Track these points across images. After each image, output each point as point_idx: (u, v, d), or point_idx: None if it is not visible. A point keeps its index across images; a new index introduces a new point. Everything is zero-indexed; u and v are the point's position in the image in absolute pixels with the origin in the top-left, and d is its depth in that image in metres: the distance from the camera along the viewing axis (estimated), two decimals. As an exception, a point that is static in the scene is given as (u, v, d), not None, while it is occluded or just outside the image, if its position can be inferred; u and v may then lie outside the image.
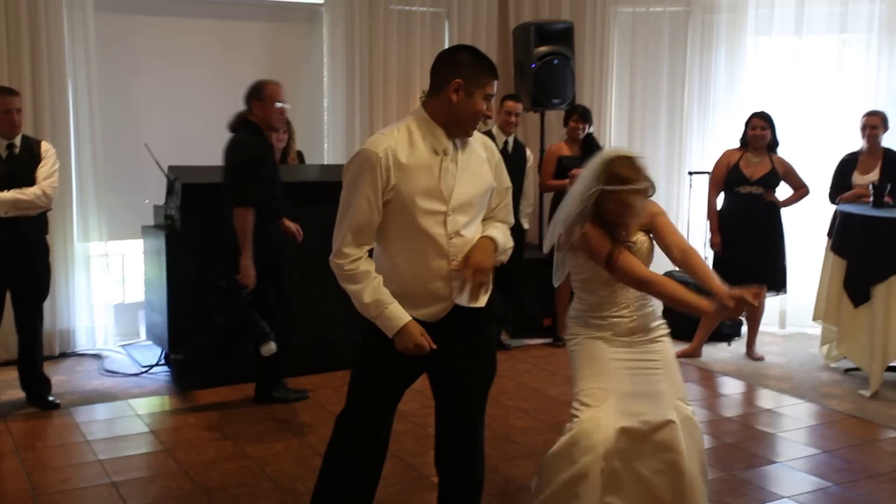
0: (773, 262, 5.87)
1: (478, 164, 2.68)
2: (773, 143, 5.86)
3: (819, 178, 6.05)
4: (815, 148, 6.67)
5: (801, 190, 5.88)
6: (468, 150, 2.67)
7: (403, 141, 2.57)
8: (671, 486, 2.94)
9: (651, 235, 3.14)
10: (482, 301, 2.69)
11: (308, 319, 5.34)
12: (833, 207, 5.79)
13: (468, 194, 2.62)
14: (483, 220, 2.76)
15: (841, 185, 5.87)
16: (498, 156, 2.78)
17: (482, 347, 2.75)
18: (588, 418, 2.90)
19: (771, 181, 5.80)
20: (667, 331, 3.14)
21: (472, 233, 2.66)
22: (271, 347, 4.49)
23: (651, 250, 3.13)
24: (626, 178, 2.94)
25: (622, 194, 2.93)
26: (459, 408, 2.76)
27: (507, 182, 2.82)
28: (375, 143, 2.57)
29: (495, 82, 2.61)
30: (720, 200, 5.98)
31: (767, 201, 5.80)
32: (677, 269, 3.15)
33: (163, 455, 4.14)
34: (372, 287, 2.56)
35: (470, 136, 2.66)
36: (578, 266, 3.08)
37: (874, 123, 5.78)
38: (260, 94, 4.66)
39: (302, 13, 6.84)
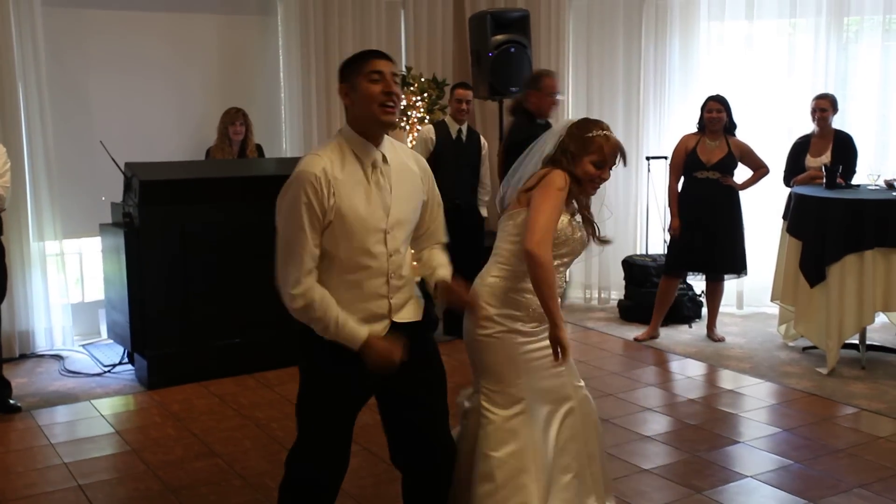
0: (731, 246, 5.95)
1: (410, 178, 2.62)
2: (730, 126, 5.94)
3: (774, 161, 6.16)
4: (769, 131, 6.77)
5: (760, 170, 5.95)
6: (399, 164, 2.60)
7: (336, 159, 2.49)
8: (583, 463, 2.94)
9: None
10: (418, 314, 2.65)
11: (271, 313, 5.32)
12: (788, 190, 5.90)
13: (404, 210, 2.58)
14: (418, 238, 2.72)
15: (794, 167, 5.98)
16: (430, 172, 2.71)
17: (428, 357, 2.71)
18: (503, 422, 2.81)
19: (727, 165, 5.88)
20: None
21: (406, 248, 2.64)
22: None
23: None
24: (604, 127, 2.87)
25: (611, 138, 2.80)
26: (423, 408, 2.69)
27: (439, 198, 2.76)
28: (311, 164, 2.45)
29: (375, 60, 2.50)
30: (680, 184, 6.06)
31: (725, 185, 5.88)
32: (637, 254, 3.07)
33: (129, 456, 4.10)
34: (331, 308, 2.48)
35: (387, 123, 2.52)
36: (518, 228, 2.84)
37: (823, 107, 5.88)
38: (538, 84, 5.14)
39: (256, 5, 6.77)
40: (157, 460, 4.02)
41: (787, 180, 6.00)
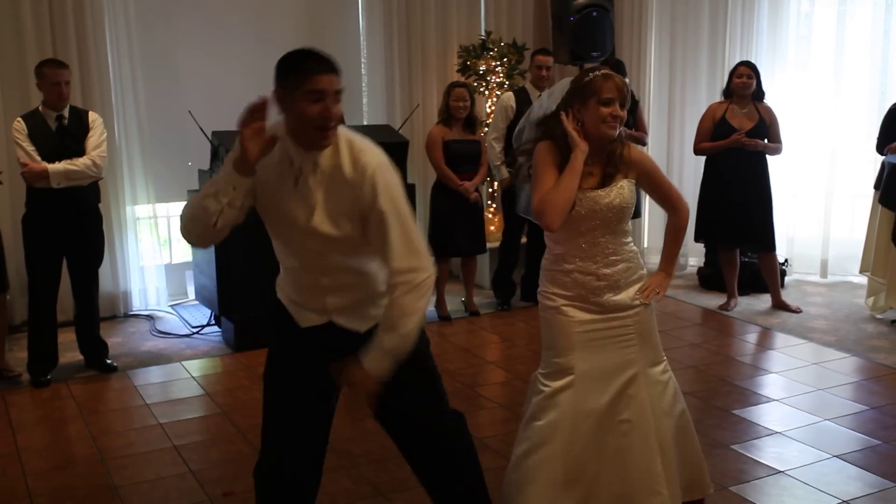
0: (759, 221, 5.81)
1: (342, 188, 2.31)
2: (759, 93, 5.79)
3: (864, 128, 5.95)
4: (860, 96, 6.54)
5: (776, 145, 5.78)
6: (333, 172, 2.31)
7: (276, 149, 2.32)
8: (637, 452, 2.89)
9: (638, 186, 2.92)
10: (361, 326, 2.46)
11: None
12: (881, 158, 5.70)
13: (326, 220, 2.32)
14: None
15: (889, 135, 5.73)
16: (381, 183, 2.28)
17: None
18: (549, 394, 2.86)
19: (761, 133, 5.72)
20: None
21: (341, 260, 2.40)
22: None
23: (627, 206, 2.84)
24: (601, 68, 2.86)
25: (612, 76, 2.78)
26: (411, 399, 2.57)
27: (397, 211, 2.29)
28: None
29: (318, 77, 2.20)
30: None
31: (754, 157, 5.71)
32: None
33: (220, 418, 4.27)
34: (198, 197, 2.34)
35: (321, 144, 2.29)
36: None
37: (924, 70, 5.64)
38: None
39: (337, -27, 6.80)
40: (246, 423, 4.17)
41: (881, 148, 5.78)
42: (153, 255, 6.24)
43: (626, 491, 2.89)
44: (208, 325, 5.73)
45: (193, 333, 5.67)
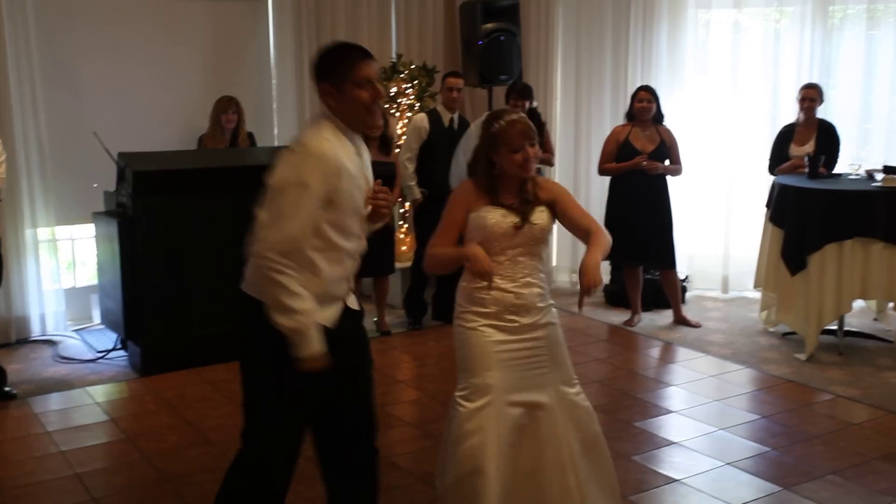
0: (662, 238, 6.08)
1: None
2: (659, 116, 6.07)
3: (760, 149, 6.24)
4: (754, 118, 6.87)
5: (676, 166, 6.09)
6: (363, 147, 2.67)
7: (341, 144, 2.50)
8: (550, 470, 2.96)
9: (554, 214, 3.03)
10: (355, 303, 2.70)
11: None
12: (772, 178, 5.99)
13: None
14: None
15: (779, 156, 6.07)
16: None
17: (366, 346, 2.76)
18: (470, 415, 2.88)
19: (662, 154, 6.02)
20: (554, 315, 3.08)
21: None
22: None
23: (547, 229, 3.02)
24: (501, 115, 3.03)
25: (515, 122, 2.94)
26: (367, 408, 2.73)
27: None
28: (322, 147, 2.44)
29: (364, 66, 2.47)
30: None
31: (655, 177, 5.99)
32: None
33: (124, 444, 4.19)
34: (306, 295, 2.41)
35: (375, 126, 2.61)
36: (469, 232, 3.00)
37: (812, 96, 5.95)
38: None
39: (247, -10, 6.80)
40: (152, 448, 4.11)
41: (772, 169, 6.10)
42: (52, 279, 6.07)
43: None
44: (114, 349, 5.61)
45: (98, 358, 5.54)
